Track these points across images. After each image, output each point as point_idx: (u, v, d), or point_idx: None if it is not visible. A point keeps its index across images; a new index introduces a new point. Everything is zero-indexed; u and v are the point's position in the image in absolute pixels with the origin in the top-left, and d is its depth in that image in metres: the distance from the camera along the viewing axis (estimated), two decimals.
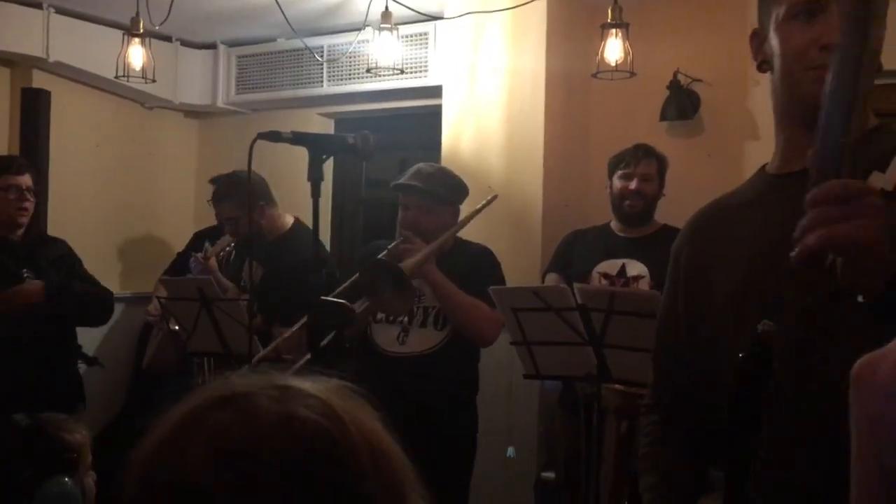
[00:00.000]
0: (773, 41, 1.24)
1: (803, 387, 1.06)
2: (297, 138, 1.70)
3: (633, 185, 3.09)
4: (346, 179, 4.75)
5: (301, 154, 1.85)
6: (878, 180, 1.06)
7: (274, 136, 1.67)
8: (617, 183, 3.12)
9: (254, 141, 1.66)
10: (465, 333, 2.80)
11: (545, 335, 2.49)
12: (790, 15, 1.21)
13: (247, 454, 0.64)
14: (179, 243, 4.34)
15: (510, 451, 3.06)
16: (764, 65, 1.28)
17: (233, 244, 3.57)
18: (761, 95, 3.59)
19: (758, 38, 1.30)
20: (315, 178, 1.70)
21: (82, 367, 3.38)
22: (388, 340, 2.82)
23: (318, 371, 0.73)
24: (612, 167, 3.16)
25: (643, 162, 3.11)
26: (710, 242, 1.31)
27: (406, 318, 2.81)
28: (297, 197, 3.24)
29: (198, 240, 4.06)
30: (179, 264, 3.98)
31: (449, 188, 2.90)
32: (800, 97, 1.20)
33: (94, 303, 3.28)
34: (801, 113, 1.21)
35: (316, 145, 1.71)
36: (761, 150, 3.63)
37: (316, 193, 1.74)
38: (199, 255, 3.63)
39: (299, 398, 0.68)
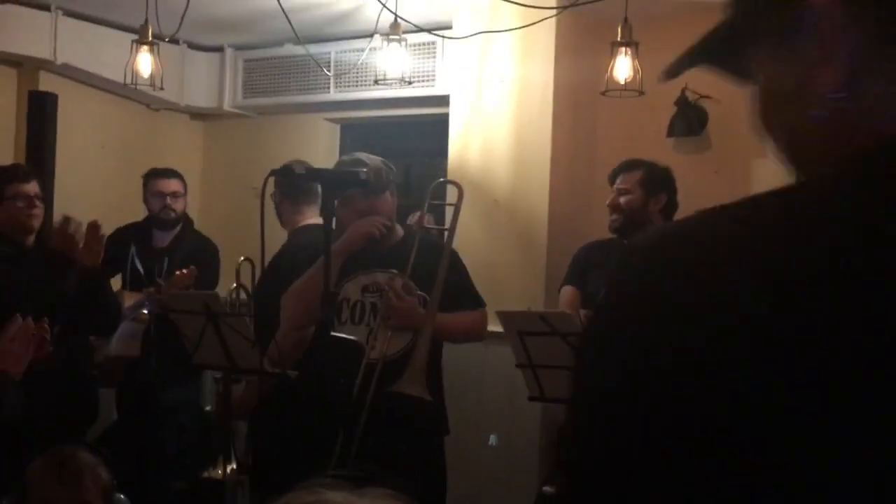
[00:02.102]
0: None
1: None
2: (311, 174, 1.71)
3: (608, 201, 3.10)
4: None
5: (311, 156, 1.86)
6: None
7: (287, 173, 1.68)
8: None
9: (267, 177, 1.67)
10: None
11: (551, 359, 2.50)
12: None
13: None
14: None
15: (492, 438, 3.01)
16: None
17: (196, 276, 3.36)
18: None
19: None
20: (328, 212, 1.70)
21: None
22: None
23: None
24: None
25: (619, 176, 3.10)
26: None
27: (372, 318, 2.71)
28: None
29: (120, 236, 3.80)
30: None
31: (379, 174, 2.49)
32: None
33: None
34: None
35: (329, 181, 1.71)
36: (769, 167, 3.62)
37: (328, 226, 1.74)
38: (152, 289, 3.45)
39: None
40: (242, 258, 3.43)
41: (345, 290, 2.84)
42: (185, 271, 3.43)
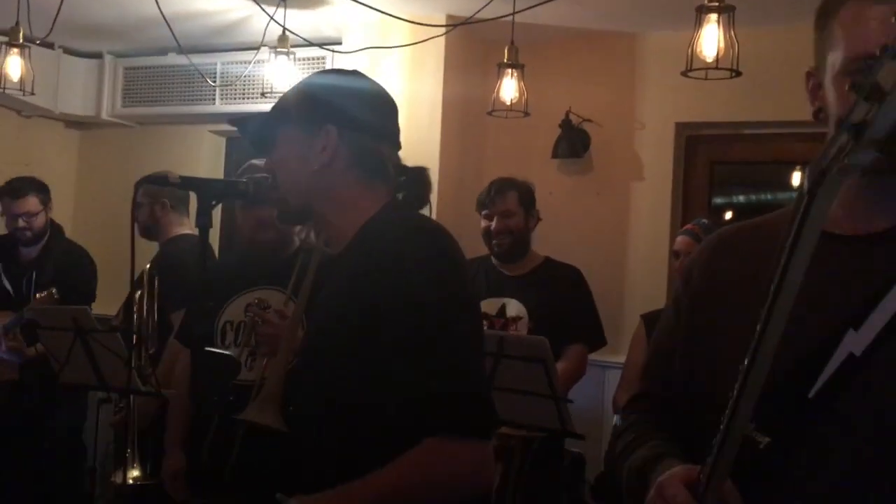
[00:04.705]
0: (829, 94, 1.03)
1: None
2: (186, 183, 1.64)
3: (494, 224, 3.02)
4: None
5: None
6: (851, 340, 0.98)
7: (160, 181, 1.61)
8: (483, 223, 3.05)
9: (138, 184, 1.60)
10: None
11: None
12: (846, 71, 1.00)
13: None
14: None
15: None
16: (821, 114, 1.06)
17: (56, 296, 3.18)
18: (646, 138, 3.73)
19: (814, 81, 1.07)
20: (203, 223, 1.63)
21: None
22: None
23: None
24: (478, 208, 3.09)
25: (498, 199, 3.01)
26: (729, 273, 1.12)
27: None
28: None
29: None
30: None
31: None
32: None
33: None
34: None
35: (205, 190, 1.64)
36: (646, 190, 3.77)
37: (204, 237, 1.67)
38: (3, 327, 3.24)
39: None
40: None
41: (227, 312, 2.69)
42: (43, 294, 3.23)
